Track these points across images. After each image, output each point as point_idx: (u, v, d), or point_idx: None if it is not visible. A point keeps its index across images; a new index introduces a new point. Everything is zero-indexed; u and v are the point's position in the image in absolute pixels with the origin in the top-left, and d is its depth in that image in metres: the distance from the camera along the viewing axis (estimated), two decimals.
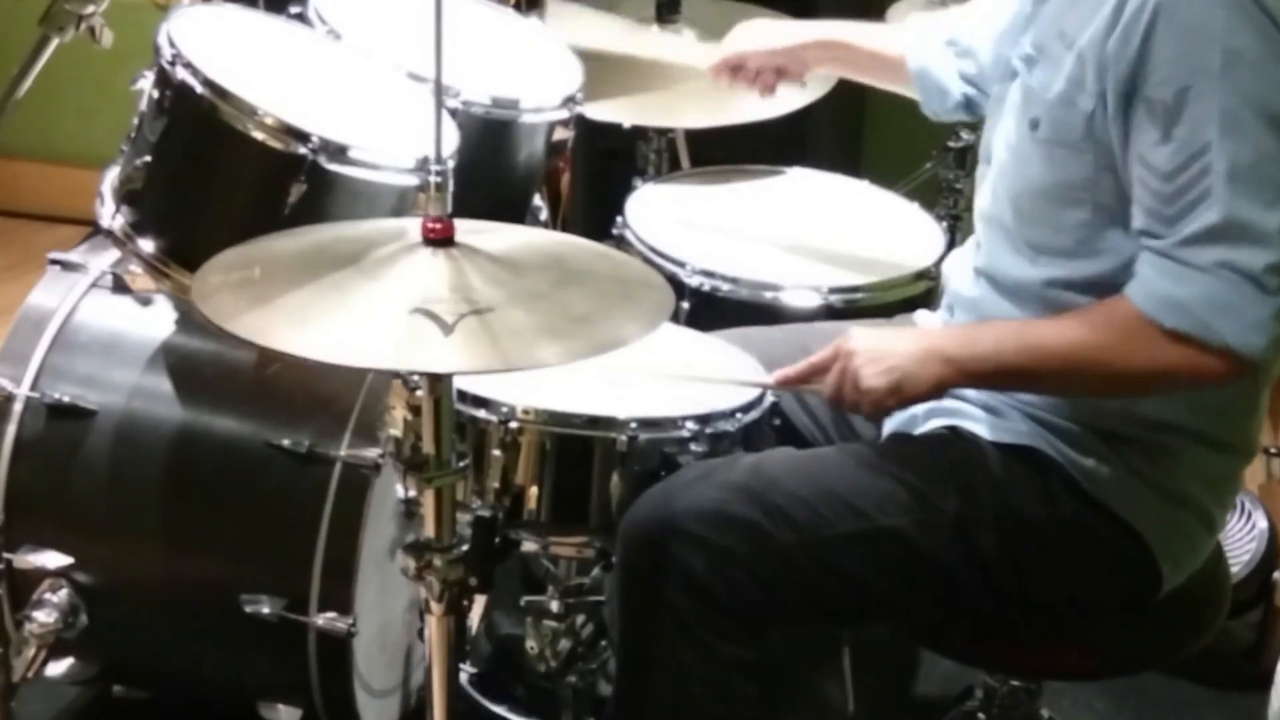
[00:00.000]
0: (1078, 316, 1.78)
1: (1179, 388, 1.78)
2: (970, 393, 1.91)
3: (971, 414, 1.90)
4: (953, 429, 1.91)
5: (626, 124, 2.78)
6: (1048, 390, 1.84)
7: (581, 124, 2.68)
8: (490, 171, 2.42)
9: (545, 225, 2.81)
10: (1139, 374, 1.74)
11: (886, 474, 1.86)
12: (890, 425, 2.01)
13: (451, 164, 2.10)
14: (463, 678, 2.31)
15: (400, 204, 2.15)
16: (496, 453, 1.96)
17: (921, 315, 2.15)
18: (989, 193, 1.93)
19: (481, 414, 1.96)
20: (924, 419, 1.95)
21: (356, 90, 2.33)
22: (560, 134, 2.68)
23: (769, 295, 2.34)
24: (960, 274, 2.00)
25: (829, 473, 1.86)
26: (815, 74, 2.45)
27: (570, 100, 2.50)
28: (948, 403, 1.92)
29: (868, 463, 1.88)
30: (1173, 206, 1.69)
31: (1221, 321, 1.67)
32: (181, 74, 2.12)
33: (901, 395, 1.83)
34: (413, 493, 1.68)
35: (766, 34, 2.39)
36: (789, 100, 2.73)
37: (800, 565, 1.81)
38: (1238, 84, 1.66)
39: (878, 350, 1.83)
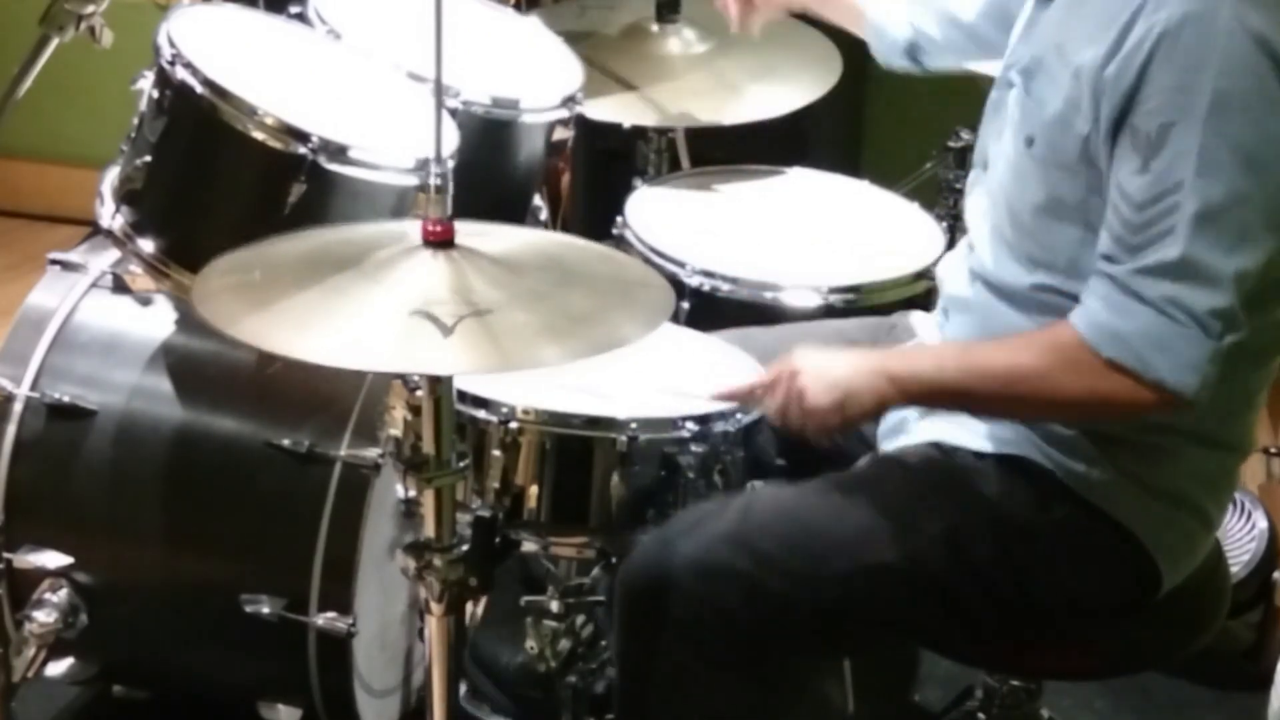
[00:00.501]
0: (1021, 340, 1.80)
1: (1113, 417, 1.79)
2: None
3: (960, 421, 1.90)
4: (938, 444, 1.91)
5: (626, 124, 2.78)
6: (987, 412, 1.86)
7: (581, 124, 2.68)
8: (490, 172, 2.42)
9: (545, 225, 2.81)
10: (1075, 400, 1.75)
11: (871, 505, 1.86)
12: (884, 426, 2.01)
13: (451, 164, 2.10)
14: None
15: (400, 204, 2.15)
16: (496, 453, 1.96)
17: (917, 317, 2.15)
18: (989, 202, 1.93)
19: (481, 414, 1.96)
20: (915, 422, 1.95)
21: (356, 90, 2.33)
22: (560, 134, 2.68)
23: (769, 295, 2.34)
24: (955, 277, 1.99)
25: (814, 512, 1.87)
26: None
27: (570, 100, 2.50)
28: (938, 411, 1.92)
29: (852, 496, 1.88)
30: (1138, 236, 1.70)
31: (1159, 358, 1.68)
32: (181, 74, 2.12)
33: (845, 413, 1.83)
34: (413, 493, 1.68)
35: None
36: (789, 100, 2.73)
37: (795, 609, 1.83)
38: (1221, 127, 1.66)
39: (821, 368, 1.84)
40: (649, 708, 1.88)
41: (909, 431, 1.96)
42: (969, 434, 1.89)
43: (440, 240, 1.61)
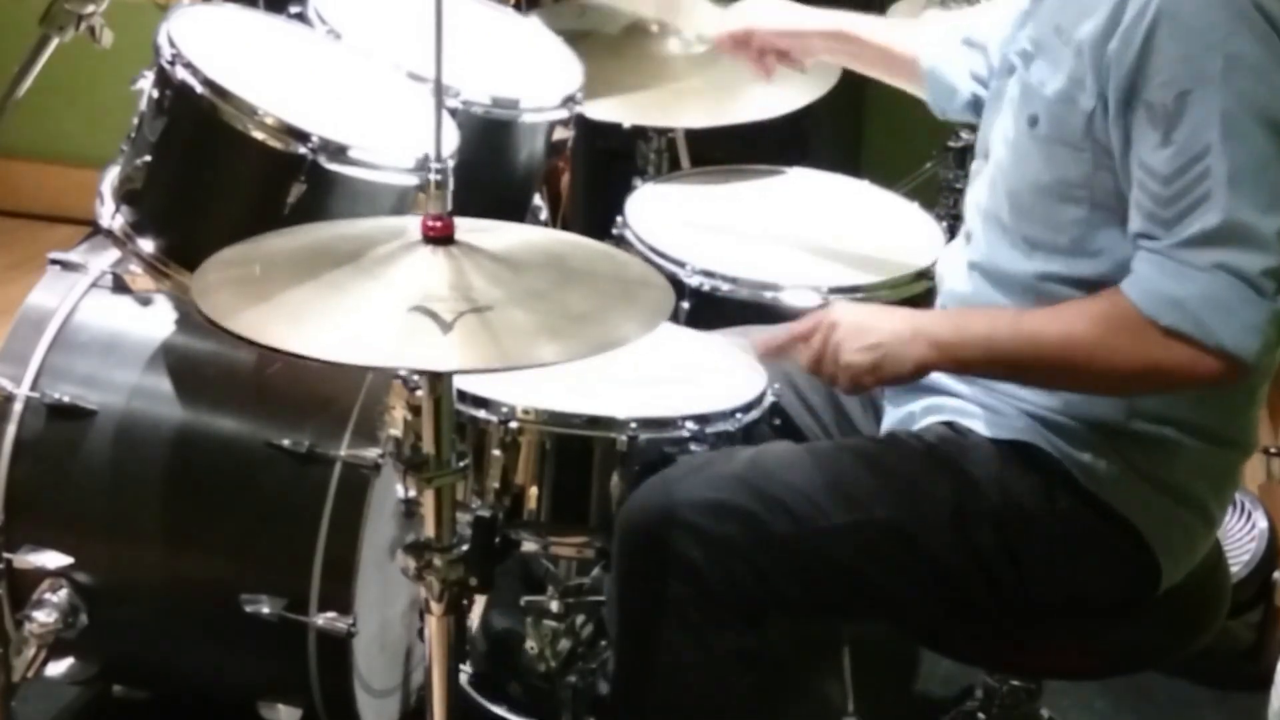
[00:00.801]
0: (1073, 309, 1.78)
1: (1171, 387, 1.77)
2: (966, 389, 1.91)
3: (968, 410, 1.90)
4: (950, 424, 1.91)
5: (626, 124, 2.78)
6: (1036, 382, 1.84)
7: (581, 124, 2.68)
8: (490, 171, 2.42)
9: (545, 225, 2.81)
10: (1132, 371, 1.73)
11: (883, 467, 1.86)
12: (888, 422, 2.01)
13: (451, 164, 2.10)
14: (461, 678, 2.31)
15: (400, 204, 2.15)
16: (496, 453, 1.96)
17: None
18: (986, 188, 1.93)
19: (481, 414, 1.96)
20: (921, 415, 1.95)
21: (356, 90, 2.33)
22: (560, 134, 2.68)
23: (769, 295, 2.34)
24: (953, 270, 2.00)
25: (826, 465, 1.86)
26: (818, 61, 2.44)
27: (570, 100, 2.50)
28: (944, 399, 1.92)
29: (865, 456, 1.88)
30: (1172, 209, 1.69)
31: (1218, 322, 1.67)
32: (181, 74, 2.12)
33: (880, 374, 1.82)
34: (413, 493, 1.68)
35: (776, 14, 2.39)
36: (789, 100, 2.73)
37: (797, 556, 1.82)
38: (1239, 88, 1.66)
39: (862, 325, 1.83)
40: (646, 649, 1.84)
41: (917, 424, 1.96)
42: (978, 422, 1.89)
43: (440, 236, 1.61)
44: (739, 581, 1.80)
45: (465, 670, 2.35)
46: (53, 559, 2.30)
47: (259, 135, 2.11)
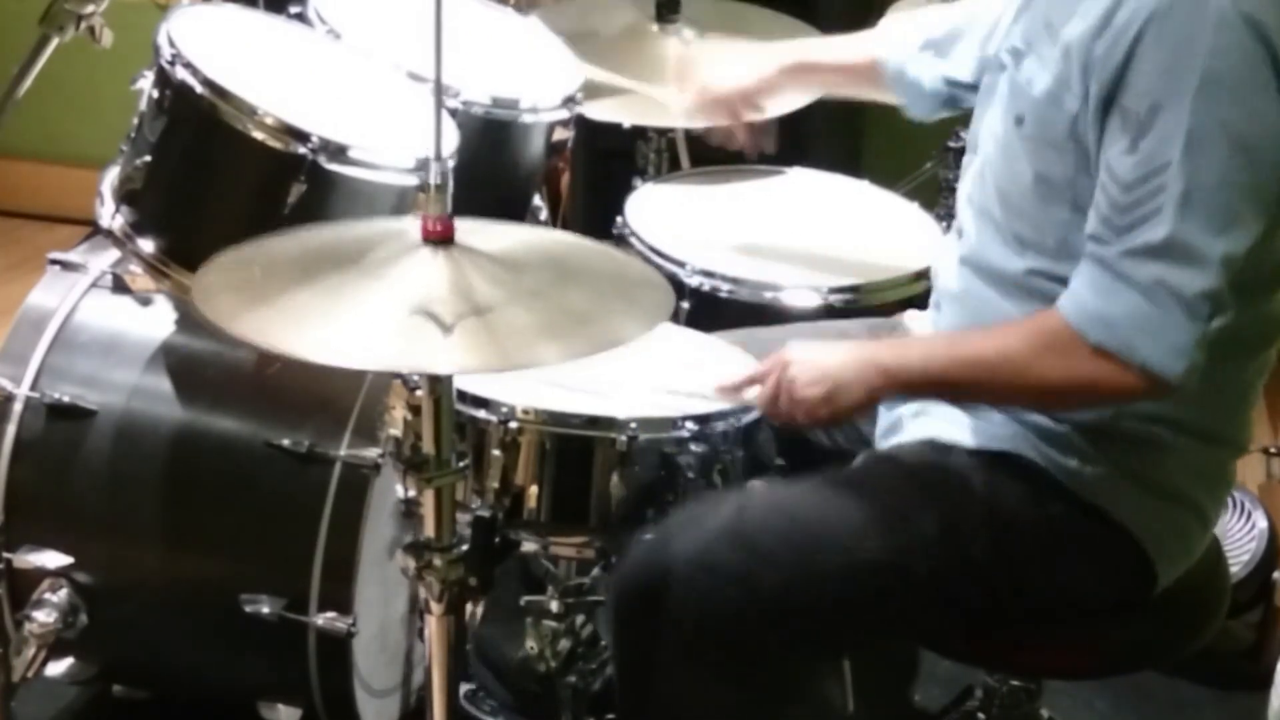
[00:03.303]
0: (1008, 329, 1.80)
1: (1102, 403, 1.79)
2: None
3: (954, 419, 1.90)
4: (932, 442, 1.91)
5: (626, 124, 2.78)
6: (976, 400, 1.86)
7: (581, 124, 2.68)
8: (490, 171, 2.42)
9: (545, 225, 2.81)
10: (1063, 386, 1.75)
11: (865, 502, 1.86)
12: (880, 424, 2.01)
13: (451, 164, 2.10)
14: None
15: (400, 204, 2.15)
16: (496, 453, 1.96)
17: (910, 314, 2.15)
18: (977, 183, 1.93)
19: (481, 414, 1.96)
20: (909, 419, 1.95)
21: (356, 90, 2.33)
22: (560, 134, 2.68)
23: (769, 295, 2.34)
24: (945, 268, 2.00)
25: (809, 509, 1.87)
26: (793, 101, 2.46)
27: (570, 100, 2.50)
28: (932, 407, 1.92)
29: (847, 493, 1.88)
30: (1125, 217, 1.70)
31: (1144, 342, 1.69)
32: (181, 74, 2.12)
33: (835, 405, 1.85)
34: (413, 493, 1.68)
35: (731, 69, 2.41)
36: (789, 100, 2.73)
37: (791, 605, 1.83)
38: (1211, 107, 1.66)
39: (811, 361, 1.86)
40: (648, 709, 1.87)
41: (904, 430, 1.96)
42: (963, 431, 1.89)
43: (440, 238, 1.61)
44: (735, 635, 1.81)
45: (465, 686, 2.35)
46: (53, 559, 2.30)
47: (259, 135, 2.11)
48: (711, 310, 2.32)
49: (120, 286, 2.40)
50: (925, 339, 1.95)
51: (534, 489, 1.99)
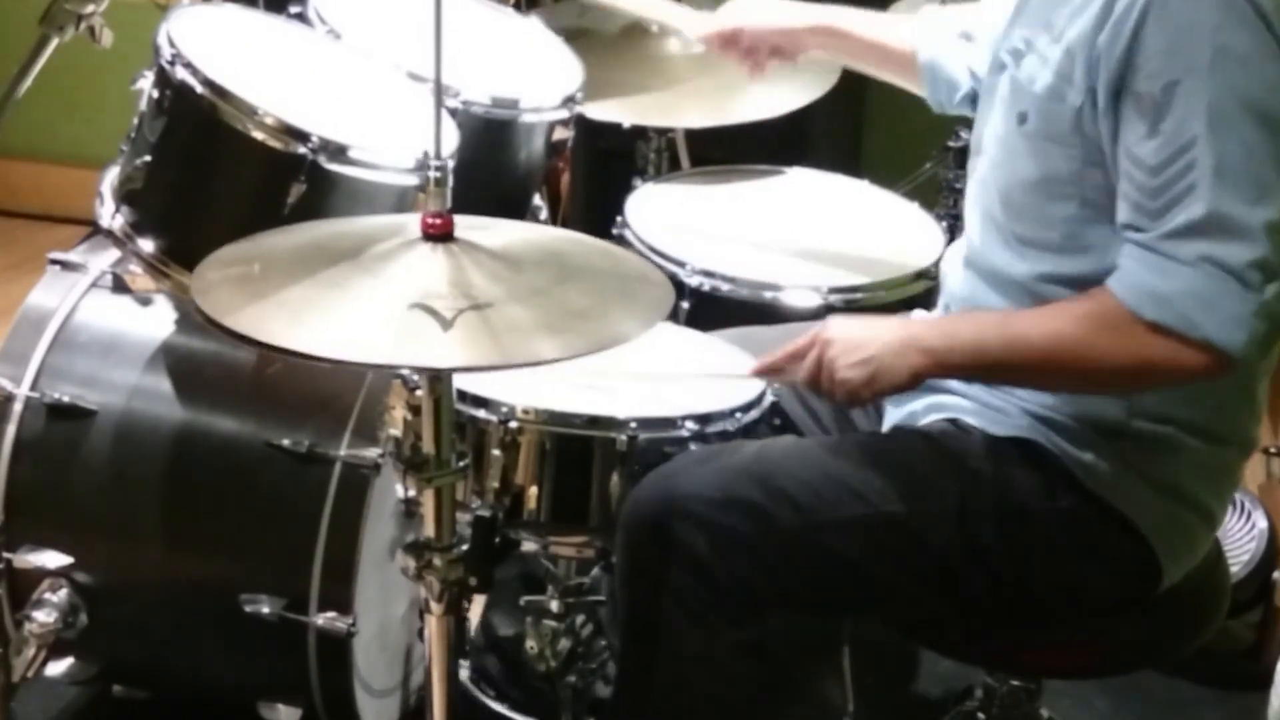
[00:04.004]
0: (1060, 308, 1.78)
1: (1159, 383, 1.77)
2: (968, 388, 1.91)
3: (970, 409, 1.90)
4: (953, 421, 1.91)
5: (626, 124, 2.78)
6: (1028, 383, 1.84)
7: (581, 124, 2.68)
8: (490, 171, 2.42)
9: (545, 225, 2.81)
10: (1119, 367, 1.73)
11: (889, 462, 1.86)
12: (890, 421, 2.01)
13: (451, 163, 2.10)
14: (462, 674, 2.31)
15: (400, 204, 2.15)
16: (496, 453, 1.96)
17: (918, 315, 2.15)
18: (981, 186, 1.93)
19: (481, 414, 1.96)
20: (923, 414, 1.95)
21: (356, 90, 2.33)
22: (560, 134, 2.68)
23: (769, 295, 2.34)
24: (953, 270, 2.00)
25: (832, 459, 1.86)
26: (810, 57, 2.42)
27: (570, 100, 2.50)
28: (946, 398, 1.92)
29: (871, 451, 1.88)
30: (1158, 200, 1.69)
31: (1203, 315, 1.67)
32: (181, 74, 2.12)
33: (876, 386, 1.83)
34: (413, 493, 1.68)
35: (765, 11, 2.38)
36: (789, 100, 2.73)
37: (801, 548, 1.81)
38: (1226, 80, 1.66)
39: (854, 340, 1.83)
40: (650, 641, 1.84)
41: (919, 423, 1.95)
42: (978, 419, 1.89)
43: (439, 234, 1.61)
44: (743, 573, 1.80)
45: (464, 666, 2.35)
46: (53, 559, 2.30)
47: (259, 135, 2.11)
48: (711, 310, 2.33)
49: (120, 286, 2.40)
50: (973, 319, 1.90)
51: (534, 489, 1.99)
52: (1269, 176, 1.67)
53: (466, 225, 1.63)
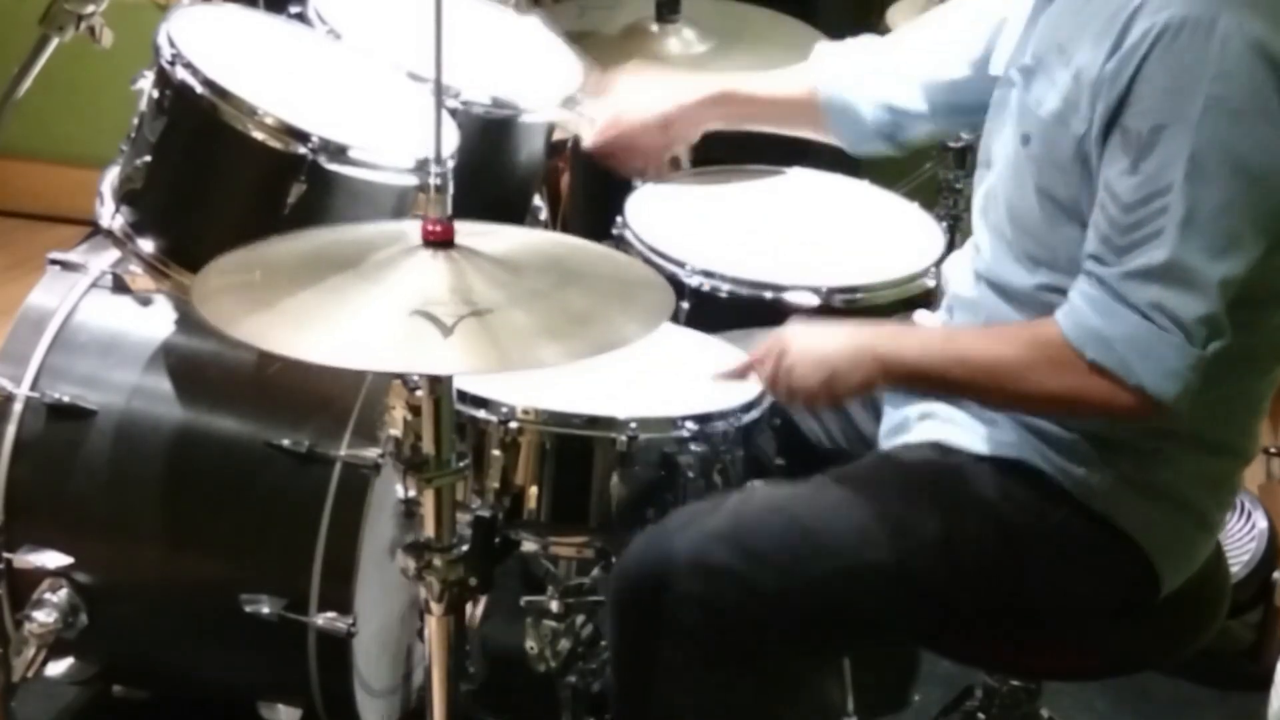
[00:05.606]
0: (1007, 332, 1.81)
1: (1088, 416, 1.79)
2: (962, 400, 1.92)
3: (962, 422, 1.90)
4: (937, 444, 1.91)
5: None
6: (966, 398, 1.87)
7: None
8: (490, 172, 2.42)
9: (545, 225, 2.81)
10: (1054, 397, 1.76)
11: (867, 504, 1.86)
12: (885, 424, 2.01)
13: (451, 164, 2.10)
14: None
15: (400, 204, 2.15)
16: (496, 453, 1.96)
17: (921, 316, 2.15)
18: (990, 200, 1.93)
19: (481, 414, 1.96)
20: (915, 420, 1.95)
21: (356, 90, 2.33)
22: (560, 134, 2.67)
23: (769, 295, 2.34)
24: (960, 276, 2.00)
25: (808, 510, 1.87)
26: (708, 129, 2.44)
27: (570, 100, 2.49)
28: (939, 406, 1.92)
29: (847, 495, 1.88)
30: (1125, 238, 1.70)
31: (1142, 364, 1.68)
32: (181, 74, 2.12)
33: (832, 391, 1.85)
34: (413, 493, 1.68)
35: (652, 90, 2.40)
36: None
37: (787, 608, 1.83)
38: (1213, 131, 1.65)
39: (811, 346, 1.86)
40: (646, 709, 1.87)
41: (911, 431, 1.96)
42: (970, 436, 1.89)
43: (440, 240, 1.61)
44: (735, 637, 1.82)
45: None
46: (53, 559, 2.30)
47: (259, 135, 2.11)
48: (711, 310, 2.32)
49: (120, 286, 2.40)
50: (922, 333, 1.95)
51: (534, 489, 1.99)
52: (1240, 231, 1.67)
53: (467, 231, 1.63)
